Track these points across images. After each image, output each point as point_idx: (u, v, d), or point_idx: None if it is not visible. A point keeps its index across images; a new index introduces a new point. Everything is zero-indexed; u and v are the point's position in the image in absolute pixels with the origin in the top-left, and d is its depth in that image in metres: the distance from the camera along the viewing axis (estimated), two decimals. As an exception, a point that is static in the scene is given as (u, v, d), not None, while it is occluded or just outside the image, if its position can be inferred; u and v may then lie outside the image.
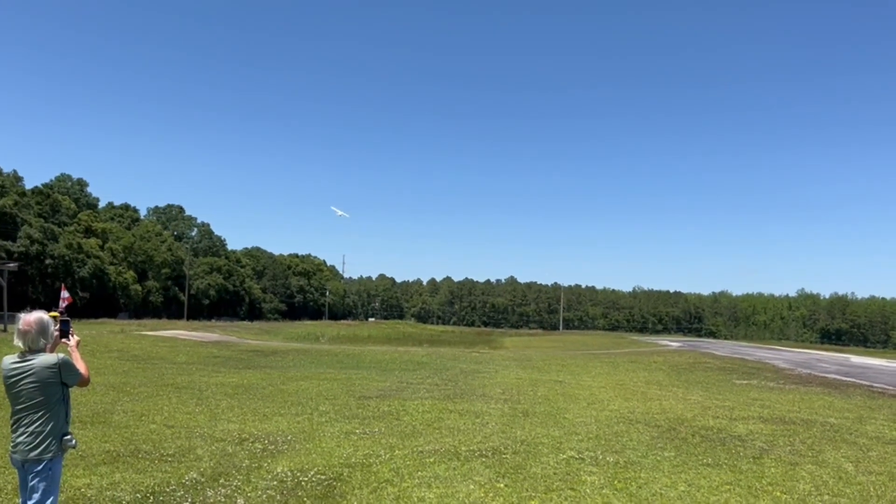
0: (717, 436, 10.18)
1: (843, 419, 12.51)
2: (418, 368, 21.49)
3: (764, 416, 12.56)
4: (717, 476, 7.55)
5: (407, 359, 25.73)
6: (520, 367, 23.57)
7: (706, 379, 20.80)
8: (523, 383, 17.42)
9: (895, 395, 18.18)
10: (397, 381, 16.94)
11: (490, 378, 18.64)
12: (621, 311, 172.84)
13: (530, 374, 20.66)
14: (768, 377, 22.22)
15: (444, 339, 63.82)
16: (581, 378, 19.72)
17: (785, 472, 7.90)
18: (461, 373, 20.13)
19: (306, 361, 23.89)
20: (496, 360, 26.88)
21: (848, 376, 24.67)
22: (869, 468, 8.25)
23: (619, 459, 8.23)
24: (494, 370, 21.53)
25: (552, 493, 6.67)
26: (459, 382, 17.14)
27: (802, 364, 31.43)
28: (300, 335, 54.22)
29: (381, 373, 19.53)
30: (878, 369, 31.14)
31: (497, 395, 14.66)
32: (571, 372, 21.91)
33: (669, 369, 24.54)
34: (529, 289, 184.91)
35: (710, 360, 30.29)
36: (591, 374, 21.17)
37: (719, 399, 15.14)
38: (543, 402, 13.71)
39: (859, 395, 17.23)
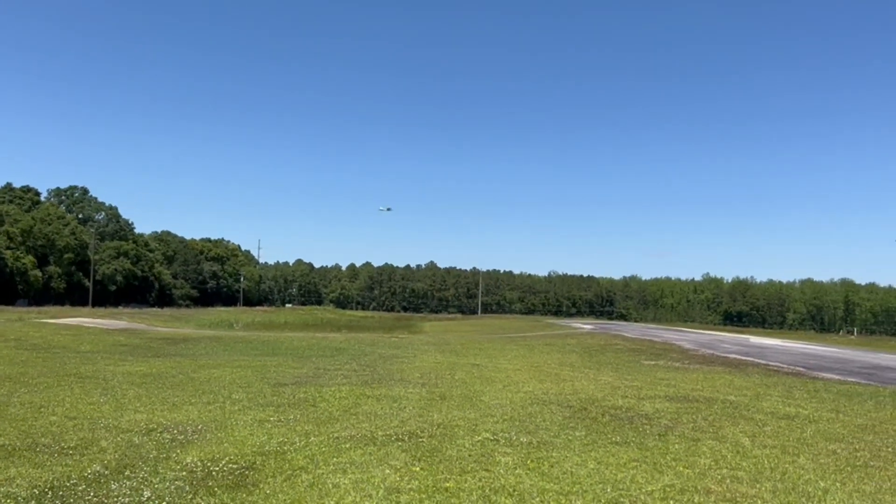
0: (626, 415, 10.56)
1: (742, 396, 13.21)
2: (336, 354, 21.31)
3: (669, 394, 13.11)
4: (624, 453, 7.83)
5: (325, 345, 25.48)
6: (438, 351, 23.74)
7: (616, 360, 21.54)
8: (441, 367, 17.55)
9: (789, 373, 19.37)
10: (314, 368, 16.75)
11: (408, 363, 18.69)
12: (537, 295, 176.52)
13: (448, 358, 20.84)
14: (674, 357, 23.23)
15: (364, 324, 63.57)
16: (498, 361, 20.04)
17: (688, 447, 8.28)
18: (380, 358, 20.10)
19: (219, 349, 23.29)
20: (415, 345, 26.97)
21: (747, 356, 26.10)
22: (764, 442, 8.75)
23: (533, 440, 8.42)
24: (413, 355, 21.61)
25: (467, 474, 6.76)
26: (378, 368, 17.11)
27: (706, 345, 33.02)
28: (213, 322, 52.81)
29: (297, 359, 19.25)
30: (774, 349, 33.09)
31: (415, 379, 14.72)
32: (488, 355, 22.24)
33: (582, 351, 25.28)
34: (449, 274, 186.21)
35: (621, 342, 31.39)
36: (507, 357, 21.54)
37: (628, 379, 15.70)
38: (461, 385, 13.86)
39: (757, 374, 18.24)
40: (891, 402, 13.24)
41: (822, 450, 8.39)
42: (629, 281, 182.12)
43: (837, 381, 17.16)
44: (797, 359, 25.84)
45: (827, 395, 13.84)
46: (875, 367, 22.94)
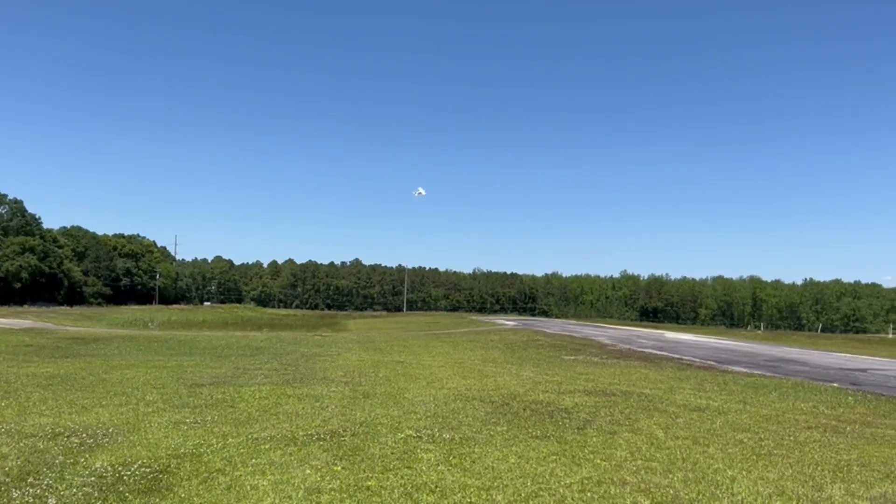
0: (546, 409, 10.76)
1: (657, 390, 13.69)
2: (256, 353, 20.86)
3: (588, 389, 13.45)
4: (544, 447, 7.98)
5: (244, 344, 24.90)
6: (363, 349, 23.57)
7: (538, 356, 21.93)
8: (365, 365, 17.44)
9: (701, 366, 20.18)
10: (233, 368, 16.33)
11: (332, 361, 18.48)
12: (462, 292, 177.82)
13: (372, 355, 20.72)
14: (593, 353, 23.84)
15: (286, 322, 62.48)
16: (422, 358, 20.07)
17: (605, 440, 8.51)
18: (302, 357, 19.79)
19: (133, 349, 22.40)
20: (339, 343, 26.70)
21: (662, 350, 27.05)
22: (676, 434, 9.08)
23: (455, 436, 8.47)
24: (336, 353, 21.38)
25: (389, 472, 6.73)
26: (300, 366, 16.84)
27: (623, 340, 34.04)
28: (127, 321, 50.80)
29: (215, 359, 18.73)
30: (687, 343, 34.43)
31: (338, 377, 14.56)
32: (413, 352, 22.24)
33: (505, 347, 25.62)
34: (374, 271, 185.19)
35: (542, 338, 31.98)
36: (431, 354, 21.60)
37: (549, 374, 16.00)
38: (384, 382, 13.80)
39: (671, 368, 18.93)
40: (793, 393, 13.98)
41: (731, 440, 8.78)
42: (551, 278, 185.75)
43: (745, 374, 17.99)
44: (708, 353, 26.97)
45: (735, 388, 14.49)
46: (779, 360, 24.19)
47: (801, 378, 17.50)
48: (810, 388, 15.10)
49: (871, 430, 9.90)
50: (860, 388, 15.57)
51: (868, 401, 13.20)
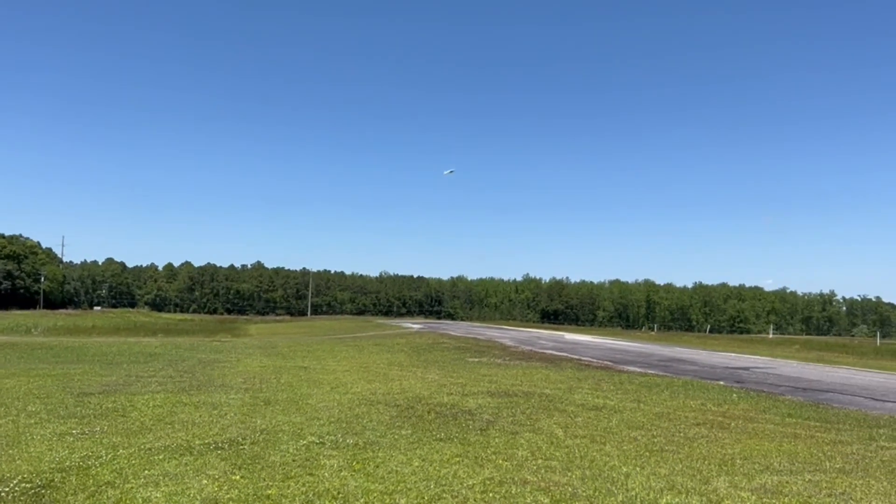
0: (451, 411, 10.84)
1: (557, 390, 14.06)
2: (150, 360, 19.96)
3: (491, 390, 13.66)
4: (448, 449, 8.04)
5: (138, 350, 23.79)
6: (264, 354, 23.01)
7: (443, 358, 22.08)
8: (267, 371, 17.02)
9: (598, 367, 20.89)
10: (125, 375, 15.57)
11: (231, 367, 17.93)
12: (369, 296, 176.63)
13: (275, 361, 20.26)
14: (496, 354, 24.24)
15: (182, 327, 60.09)
16: (326, 363, 19.80)
17: (507, 440, 8.66)
18: (199, 363, 19.10)
19: (14, 356, 20.96)
20: (239, 349, 25.95)
21: (562, 351, 27.83)
22: (575, 432, 9.36)
23: (359, 441, 8.40)
24: (236, 359, 20.76)
25: (290, 480, 6.60)
26: (197, 373, 16.25)
27: (525, 342, 34.80)
28: (7, 327, 47.48)
29: (106, 366, 17.80)
30: (586, 344, 35.58)
31: (238, 384, 14.14)
32: (317, 357, 21.91)
33: (411, 350, 25.65)
34: (277, 274, 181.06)
35: (448, 341, 32.24)
36: (336, 359, 21.34)
37: (454, 377, 16.14)
38: (286, 388, 13.52)
39: (570, 368, 19.50)
40: (683, 391, 14.70)
41: (626, 437, 9.13)
42: (457, 281, 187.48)
43: (639, 374, 18.77)
44: (606, 353, 27.98)
45: (630, 387, 15.09)
46: (671, 360, 25.39)
47: (690, 377, 18.43)
48: (699, 386, 15.92)
49: (753, 425, 10.53)
50: (744, 386, 16.54)
51: (751, 397, 14.05)
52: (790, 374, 20.73)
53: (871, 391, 16.56)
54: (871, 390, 16.80)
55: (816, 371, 22.83)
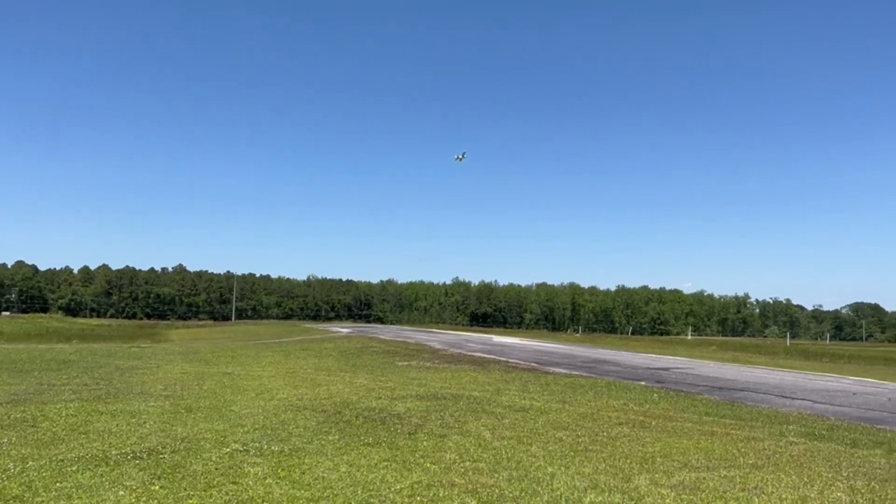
0: (379, 416, 10.78)
1: (485, 392, 14.19)
2: (64, 367, 19.05)
3: (420, 393, 13.66)
4: (376, 454, 7.99)
5: (50, 357, 22.67)
6: (186, 360, 22.31)
7: (372, 362, 21.95)
8: (188, 377, 16.51)
9: (525, 368, 21.19)
10: (36, 384, 14.80)
11: (151, 374, 17.31)
12: (296, 300, 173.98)
13: (197, 367, 19.67)
14: (426, 358, 24.26)
15: (99, 333, 57.66)
16: (251, 369, 19.36)
17: (435, 443, 8.67)
18: (117, 370, 18.36)
19: (-89, 366, 19.62)
20: (159, 355, 25.08)
21: (490, 354, 28.10)
22: (502, 434, 9.47)
23: (285, 447, 8.25)
24: (157, 365, 20.06)
25: (212, 489, 6.41)
26: (114, 381, 15.61)
27: (454, 344, 34.98)
28: None
29: (14, 374, 16.87)
30: (513, 346, 36.05)
31: (158, 391, 13.66)
32: (242, 363, 21.40)
33: (339, 355, 25.38)
34: (200, 278, 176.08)
35: (377, 345, 32.07)
36: (261, 364, 20.90)
37: (383, 381, 16.07)
38: (209, 395, 13.14)
39: (498, 370, 19.70)
40: (606, 391, 15.07)
41: (551, 438, 9.30)
42: (386, 284, 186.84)
43: (565, 375, 19.14)
44: (532, 355, 28.41)
45: (556, 388, 15.38)
46: (595, 361, 26.00)
47: (613, 378, 18.92)
48: (621, 386, 16.36)
49: (672, 423, 10.90)
50: (664, 386, 17.10)
51: (670, 397, 14.54)
52: (707, 374, 21.55)
53: (781, 389, 17.40)
54: (782, 388, 17.64)
55: (732, 371, 23.82)
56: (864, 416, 12.81)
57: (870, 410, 13.67)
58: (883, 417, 12.68)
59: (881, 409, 13.87)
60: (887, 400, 15.69)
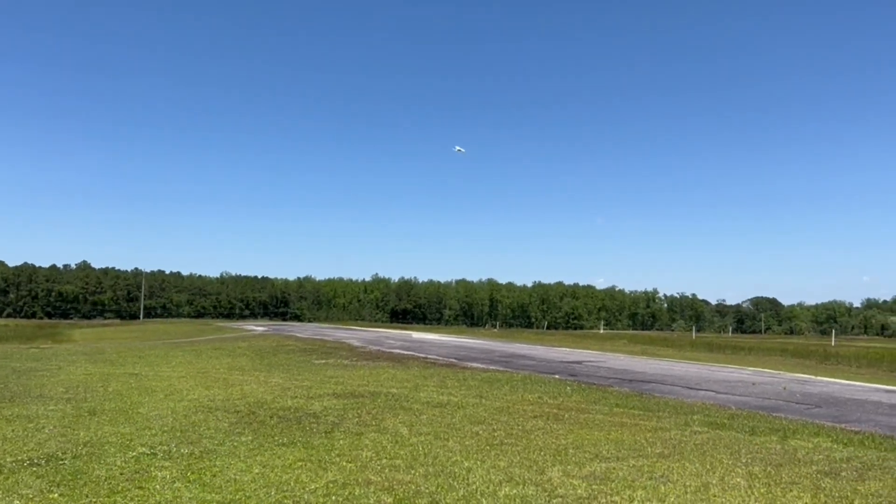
0: (294, 415, 10.61)
1: (403, 388, 14.19)
2: (-47, 371, 17.83)
3: (337, 392, 13.53)
4: (291, 454, 7.85)
5: (-62, 360, 21.17)
6: (90, 361, 21.29)
7: (288, 361, 21.57)
8: (92, 379, 15.76)
9: (443, 364, 21.31)
10: (-79, 389, 13.80)
11: (51, 376, 16.43)
12: (208, 298, 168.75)
13: (102, 368, 18.81)
14: (344, 355, 24.04)
15: (-6, 333, 54.28)
16: (160, 369, 18.67)
17: (352, 442, 8.61)
18: (13, 372, 17.33)
19: None
20: (61, 356, 23.83)
21: (409, 350, 28.12)
22: (420, 430, 9.49)
23: (195, 450, 8.00)
24: (58, 367, 19.05)
25: (117, 495, 6.15)
26: (10, 384, 14.74)
27: (373, 342, 34.81)
28: None
29: None
30: (432, 343, 36.20)
31: (59, 394, 12.98)
32: (150, 363, 20.60)
33: (253, 354, 24.81)
34: (105, 275, 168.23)
35: (293, 343, 31.54)
36: (171, 365, 20.19)
37: (299, 380, 15.82)
38: (115, 397, 12.59)
39: (416, 367, 19.74)
40: (522, 385, 15.35)
41: (468, 432, 9.39)
42: (304, 282, 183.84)
43: (482, 370, 19.36)
44: (451, 351, 28.62)
45: (473, 383, 15.54)
46: (511, 356, 26.43)
47: (529, 372, 19.28)
48: (537, 380, 16.69)
49: (584, 415, 11.20)
50: (577, 379, 17.55)
51: (583, 390, 14.94)
52: (618, 367, 22.27)
53: (686, 381, 18.17)
54: (687, 380, 18.43)
55: (641, 363, 24.70)
56: (761, 404, 13.53)
57: (767, 399, 14.45)
58: (779, 406, 13.44)
59: (777, 398, 14.69)
60: (783, 389, 16.63)
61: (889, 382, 20.06)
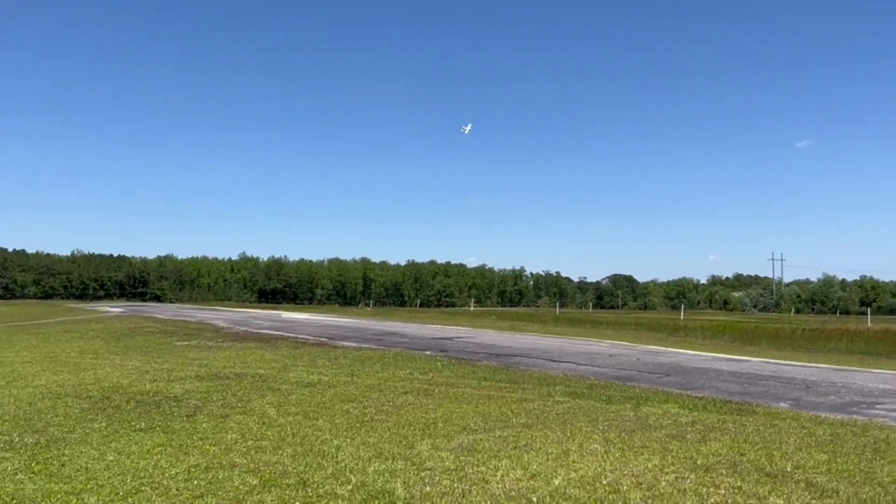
0: (153, 399, 10.10)
1: (271, 369, 13.87)
2: None
3: (201, 374, 13.01)
4: (149, 440, 7.47)
5: None
6: (-85, 347, 19.23)
7: (147, 343, 20.49)
8: (-82, 367, 14.25)
9: (314, 343, 21.03)
10: None
11: None
12: (58, 278, 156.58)
13: (-70, 355, 17.04)
14: (208, 337, 23.16)
15: None
16: (1, 353, 17.19)
17: (216, 424, 8.31)
18: None
19: None
20: None
21: (278, 330, 27.51)
22: (288, 410, 9.31)
23: (41, 439, 7.43)
24: None
25: (-53, 492, 5.60)
26: None
27: (240, 322, 33.77)
28: None
29: None
30: (303, 322, 35.64)
31: None
32: (-11, 348, 18.90)
33: (108, 336, 23.37)
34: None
35: (153, 324, 30.00)
36: (14, 349, 18.64)
37: (158, 362, 15.07)
38: (-54, 386, 11.45)
39: (286, 347, 19.35)
40: (394, 362, 15.44)
41: (338, 410, 9.32)
42: (164, 260, 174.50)
43: (354, 349, 19.29)
44: (322, 330, 28.28)
45: (345, 362, 15.45)
46: (384, 334, 26.51)
47: (401, 349, 19.42)
48: (408, 357, 16.84)
49: (454, 390, 11.43)
50: (447, 355, 17.88)
51: (453, 365, 15.24)
52: (487, 342, 22.91)
53: (550, 354, 18.98)
54: (551, 353, 19.26)
55: (508, 338, 25.54)
56: (617, 374, 14.39)
57: (622, 370, 15.38)
58: (633, 375, 14.34)
59: (631, 369, 15.67)
60: (636, 360, 17.76)
61: (729, 352, 21.93)
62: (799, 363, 18.12)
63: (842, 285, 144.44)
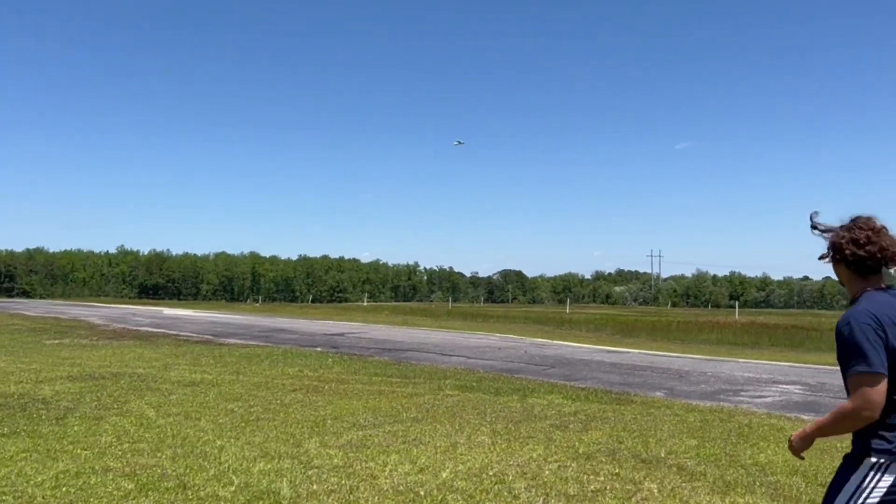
0: (19, 402, 9.41)
1: (151, 368, 13.24)
2: None
3: (73, 374, 12.24)
4: (12, 445, 6.95)
5: None
6: None
7: (13, 342, 19.07)
8: None
9: (198, 341, 20.29)
10: None
11: None
12: None
13: None
14: (82, 334, 21.85)
15: None
16: None
17: (89, 427, 7.84)
18: None
19: None
20: None
21: (160, 328, 26.33)
22: (169, 411, 8.92)
23: None
24: None
25: None
26: None
27: (118, 319, 32.08)
28: None
29: None
30: (186, 319, 34.28)
31: None
32: None
33: (-32, 336, 21.57)
34: None
35: (20, 322, 28.01)
36: None
37: (26, 362, 14.05)
38: None
39: (167, 345, 18.54)
40: (283, 359, 15.12)
41: (222, 410, 9.03)
42: (34, 253, 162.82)
43: (241, 346, 18.74)
44: (207, 327, 27.29)
45: (230, 359, 14.98)
46: (273, 330, 25.91)
47: (290, 345, 19.05)
48: (298, 353, 16.55)
49: (344, 386, 11.34)
50: (339, 351, 17.71)
51: (344, 361, 15.11)
52: (379, 337, 22.87)
53: (441, 348, 19.20)
54: (442, 347, 19.48)
55: (401, 333, 25.61)
56: (506, 367, 14.74)
57: (511, 362, 15.77)
58: (520, 368, 14.73)
59: (519, 361, 16.10)
60: (524, 353, 18.26)
61: (611, 344, 22.96)
62: (674, 354, 19.23)
63: (713, 280, 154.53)
